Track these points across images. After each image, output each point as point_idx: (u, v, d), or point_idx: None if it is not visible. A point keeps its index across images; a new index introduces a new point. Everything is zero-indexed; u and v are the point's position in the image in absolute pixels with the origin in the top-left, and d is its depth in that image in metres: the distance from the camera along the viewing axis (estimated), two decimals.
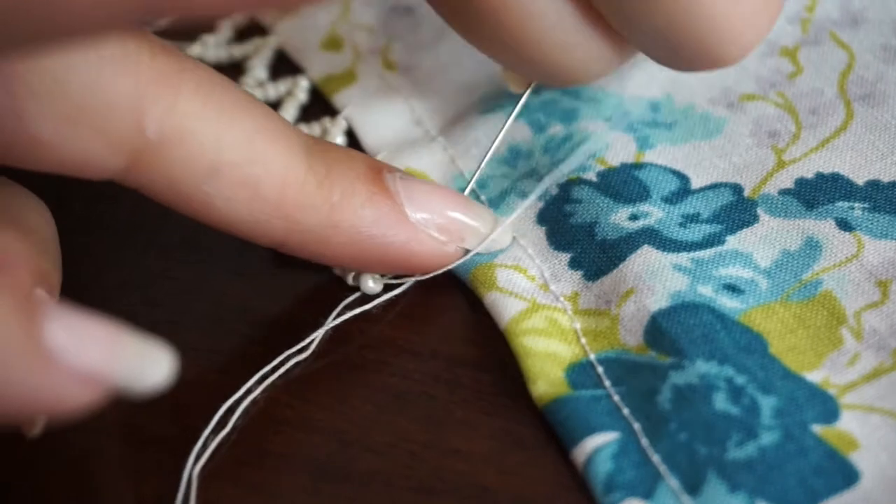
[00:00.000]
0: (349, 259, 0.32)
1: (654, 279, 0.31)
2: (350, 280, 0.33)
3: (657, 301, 0.31)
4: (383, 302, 0.33)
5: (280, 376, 0.31)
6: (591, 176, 0.34)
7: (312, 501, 0.29)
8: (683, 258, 0.32)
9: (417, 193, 0.32)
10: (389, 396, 0.31)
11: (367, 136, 0.38)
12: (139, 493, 0.30)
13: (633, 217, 0.33)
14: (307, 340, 0.32)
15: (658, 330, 0.30)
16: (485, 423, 0.30)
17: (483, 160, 0.34)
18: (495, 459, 0.29)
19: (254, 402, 0.31)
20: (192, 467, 0.29)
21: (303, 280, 0.34)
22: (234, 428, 0.30)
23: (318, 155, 0.31)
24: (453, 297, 0.33)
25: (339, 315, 0.33)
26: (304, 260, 0.32)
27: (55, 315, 0.24)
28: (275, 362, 0.31)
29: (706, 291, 0.31)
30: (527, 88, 0.34)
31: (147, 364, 0.25)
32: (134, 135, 0.27)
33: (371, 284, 0.33)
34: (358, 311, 0.33)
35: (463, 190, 0.34)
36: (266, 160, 0.29)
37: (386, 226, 0.31)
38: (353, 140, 0.38)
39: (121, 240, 0.36)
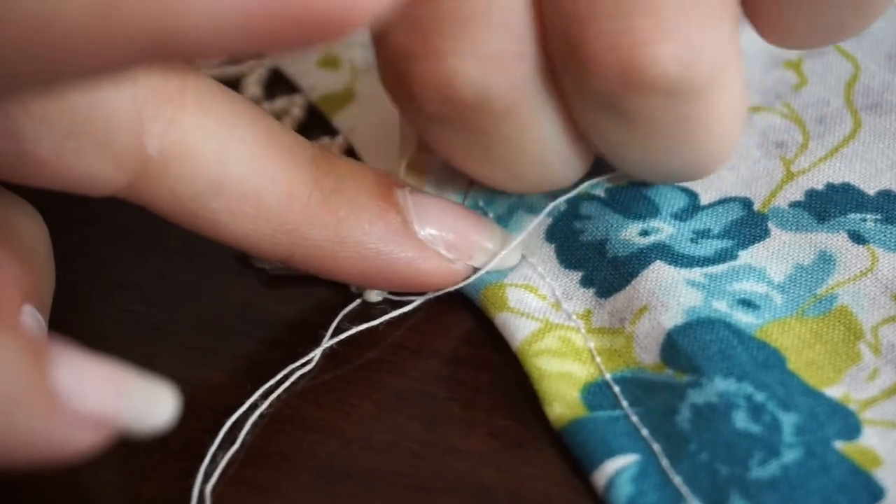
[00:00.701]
0: (356, 275, 0.31)
1: (668, 295, 0.31)
2: (354, 288, 0.33)
3: (672, 318, 0.30)
4: (386, 320, 0.33)
5: (278, 374, 0.31)
6: (599, 192, 0.34)
7: (312, 499, 0.29)
8: (697, 273, 0.31)
9: (427, 209, 0.31)
10: (389, 395, 0.31)
11: (367, 155, 0.37)
12: (138, 497, 0.29)
13: (644, 233, 0.33)
14: (309, 356, 0.32)
15: (674, 347, 0.30)
16: (484, 421, 0.30)
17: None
18: (494, 458, 0.29)
19: (255, 406, 0.31)
20: (202, 485, 0.29)
21: (303, 280, 0.34)
22: (242, 443, 0.30)
23: (326, 168, 0.30)
24: (453, 297, 0.33)
25: (339, 328, 0.32)
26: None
27: (61, 358, 0.23)
28: (278, 377, 0.31)
29: (721, 307, 0.31)
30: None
31: (152, 403, 0.24)
32: (135, 152, 0.27)
33: (374, 296, 0.33)
34: (360, 328, 0.32)
35: (472, 209, 0.34)
36: (270, 174, 0.29)
37: (393, 242, 0.31)
38: (353, 158, 0.37)
39: (120, 240, 0.36)
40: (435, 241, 0.31)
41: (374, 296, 0.33)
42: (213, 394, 0.31)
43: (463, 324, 0.33)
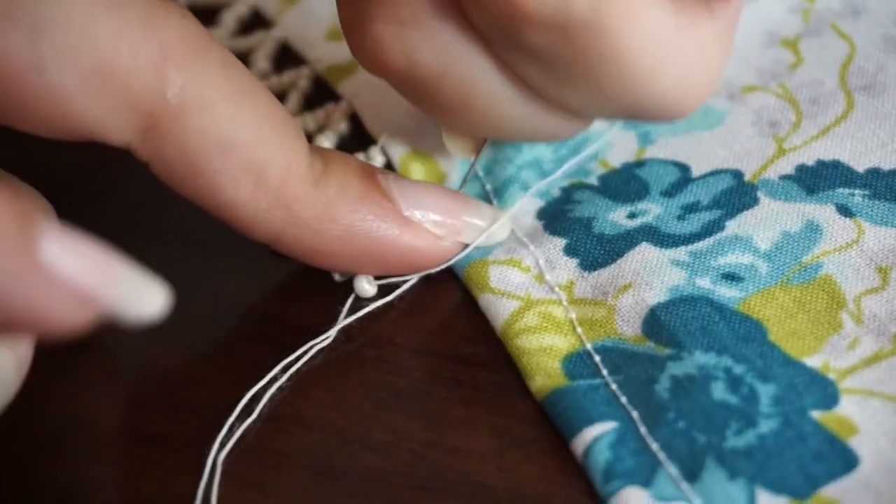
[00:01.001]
0: (345, 257, 0.32)
1: (653, 275, 0.31)
2: (337, 277, 0.33)
3: (655, 295, 0.31)
4: (390, 299, 0.33)
5: (278, 376, 0.31)
6: (592, 180, 0.34)
7: (312, 499, 0.29)
8: (681, 252, 0.32)
9: (411, 192, 0.32)
10: (389, 394, 0.31)
11: (371, 121, 0.38)
12: (137, 493, 0.30)
13: (632, 215, 0.33)
14: (329, 333, 0.32)
15: (656, 322, 0.30)
16: (484, 420, 0.30)
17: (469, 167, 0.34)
18: (494, 457, 0.29)
19: (255, 398, 0.31)
20: (217, 454, 0.30)
21: (303, 279, 0.34)
22: (257, 417, 0.31)
23: (316, 152, 0.31)
24: (452, 295, 0.33)
25: (352, 310, 0.33)
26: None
27: (51, 232, 0.24)
28: (298, 352, 0.32)
29: (704, 283, 0.31)
30: (474, 154, 0.34)
31: (141, 292, 0.24)
32: (154, 95, 0.27)
33: (366, 286, 0.33)
34: (376, 304, 0.33)
35: (467, 176, 0.34)
36: (275, 146, 0.29)
37: (381, 219, 0.31)
38: (356, 125, 0.38)
39: (119, 238, 0.35)
40: (421, 221, 0.32)
41: (366, 286, 0.33)
42: (212, 393, 0.31)
43: (463, 324, 0.33)
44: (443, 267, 0.33)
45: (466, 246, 0.33)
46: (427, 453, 0.30)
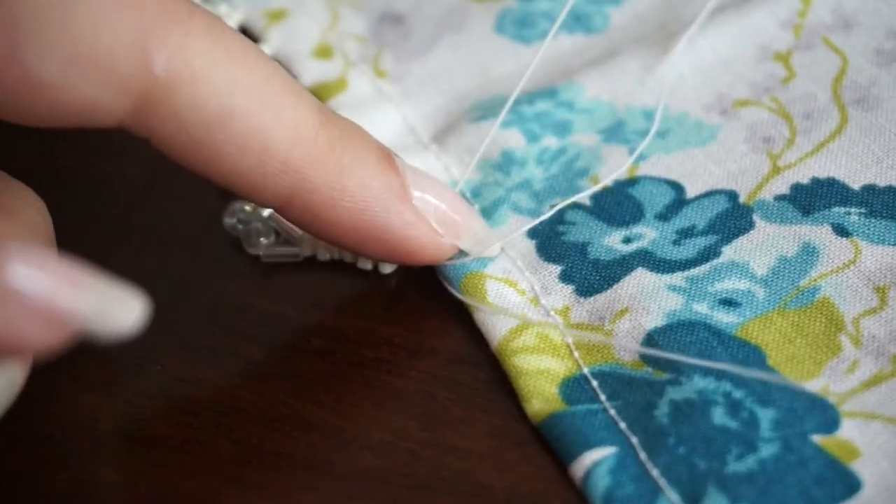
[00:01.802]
0: (351, 233, 0.31)
1: (649, 300, 0.31)
2: (323, 255, 0.34)
3: (652, 320, 0.31)
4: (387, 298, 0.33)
5: (277, 374, 0.31)
6: (585, 200, 0.34)
7: (311, 499, 0.29)
8: (678, 278, 0.32)
9: (421, 180, 0.31)
10: (387, 394, 0.31)
11: None
12: (137, 494, 0.30)
13: (627, 240, 0.33)
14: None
15: (654, 347, 0.30)
16: (482, 420, 0.30)
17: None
18: (492, 457, 0.29)
19: (254, 398, 0.31)
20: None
21: (302, 278, 0.34)
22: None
23: (332, 117, 0.30)
24: (451, 296, 0.33)
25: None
26: (303, 258, 0.31)
27: (17, 253, 0.23)
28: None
29: (702, 308, 0.31)
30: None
31: (115, 307, 0.24)
32: (141, 72, 0.26)
33: (387, 267, 0.34)
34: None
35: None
36: (278, 109, 0.28)
37: (391, 201, 0.30)
38: None
39: (117, 238, 0.36)
40: (426, 210, 0.31)
41: (387, 267, 0.34)
42: (211, 393, 0.31)
43: (462, 324, 0.33)
44: (437, 263, 0.32)
45: (461, 252, 0.32)
46: (425, 453, 0.30)
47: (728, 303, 0.31)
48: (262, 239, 0.34)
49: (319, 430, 0.30)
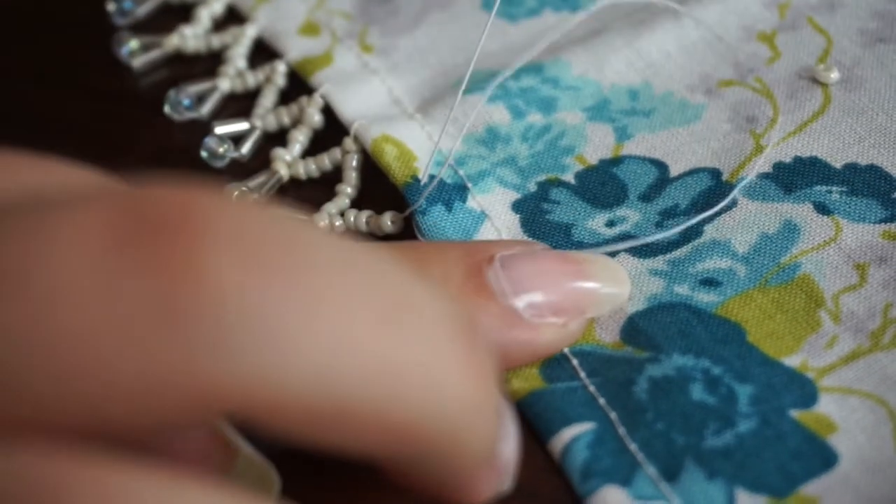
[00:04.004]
0: None
1: (632, 286, 0.31)
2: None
3: (634, 304, 0.31)
4: None
5: None
6: (569, 178, 0.34)
7: (308, 498, 0.29)
8: (659, 262, 0.32)
9: (523, 276, 0.29)
10: None
11: (343, 109, 0.37)
12: None
13: (610, 223, 0.33)
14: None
15: (635, 328, 0.30)
16: None
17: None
18: None
19: None
20: None
21: None
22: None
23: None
24: None
25: None
26: None
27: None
28: None
29: (682, 290, 0.31)
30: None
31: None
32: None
33: (389, 224, 0.34)
34: None
35: (441, 166, 0.34)
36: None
37: (500, 333, 0.28)
38: (330, 117, 0.38)
39: None
40: (541, 310, 0.29)
41: (389, 225, 0.34)
42: None
43: None
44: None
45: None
46: None
47: (709, 282, 0.31)
48: None
49: None
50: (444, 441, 0.22)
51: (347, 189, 0.36)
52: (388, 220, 0.34)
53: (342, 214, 0.35)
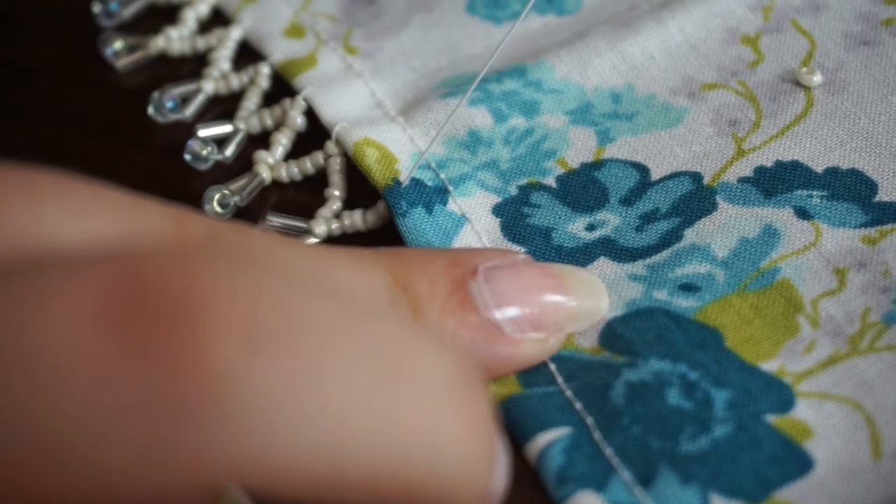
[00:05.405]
0: None
1: (610, 291, 0.31)
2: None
3: (613, 310, 0.31)
4: None
5: None
6: (550, 181, 0.34)
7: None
8: (639, 266, 0.32)
9: (506, 289, 0.29)
10: None
11: (325, 112, 0.37)
12: None
13: (590, 227, 0.33)
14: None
15: (613, 334, 0.30)
16: None
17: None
18: None
19: None
20: None
21: None
22: None
23: (395, 281, 0.28)
24: None
25: None
26: None
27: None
28: None
29: (661, 296, 0.31)
30: None
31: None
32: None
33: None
34: None
35: (424, 169, 0.34)
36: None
37: (481, 347, 0.29)
38: (312, 120, 0.38)
39: None
40: (522, 325, 0.29)
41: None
42: None
43: None
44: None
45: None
46: None
47: (688, 288, 0.31)
48: None
49: None
50: (445, 493, 0.22)
51: (336, 192, 0.36)
52: (382, 207, 0.35)
53: (338, 217, 0.35)
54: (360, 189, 0.36)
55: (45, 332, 0.19)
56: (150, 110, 0.39)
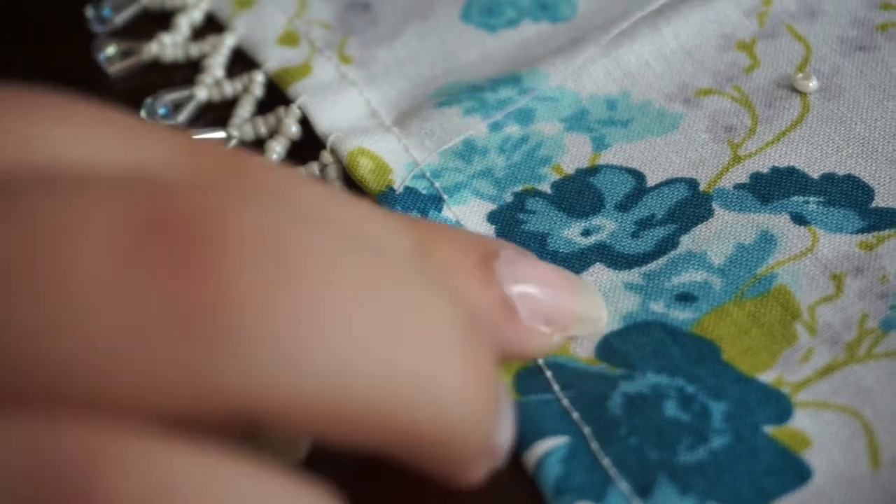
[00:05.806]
0: None
1: (607, 302, 0.31)
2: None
3: (610, 324, 0.31)
4: None
5: None
6: (545, 188, 0.34)
7: None
8: (635, 274, 0.32)
9: (527, 276, 0.29)
10: None
11: (320, 122, 0.37)
12: None
13: (586, 232, 0.33)
14: None
15: (610, 348, 0.30)
16: None
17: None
18: None
19: None
20: None
21: None
22: None
23: (421, 244, 0.27)
24: None
25: None
26: None
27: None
28: None
29: (658, 308, 0.31)
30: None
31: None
32: None
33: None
34: None
35: (418, 179, 0.34)
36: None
37: (498, 326, 0.28)
38: (306, 129, 0.38)
39: None
40: (536, 314, 0.29)
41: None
42: None
43: None
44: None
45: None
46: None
47: (684, 298, 0.31)
48: None
49: None
50: (446, 438, 0.23)
51: None
52: None
53: None
54: (357, 195, 0.35)
55: (75, 244, 0.19)
56: (143, 116, 0.39)
